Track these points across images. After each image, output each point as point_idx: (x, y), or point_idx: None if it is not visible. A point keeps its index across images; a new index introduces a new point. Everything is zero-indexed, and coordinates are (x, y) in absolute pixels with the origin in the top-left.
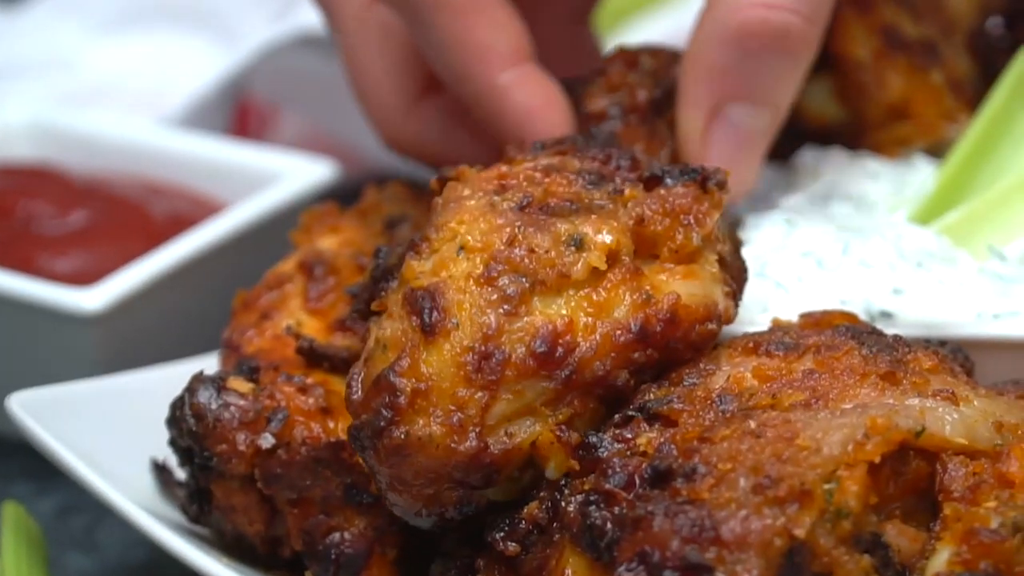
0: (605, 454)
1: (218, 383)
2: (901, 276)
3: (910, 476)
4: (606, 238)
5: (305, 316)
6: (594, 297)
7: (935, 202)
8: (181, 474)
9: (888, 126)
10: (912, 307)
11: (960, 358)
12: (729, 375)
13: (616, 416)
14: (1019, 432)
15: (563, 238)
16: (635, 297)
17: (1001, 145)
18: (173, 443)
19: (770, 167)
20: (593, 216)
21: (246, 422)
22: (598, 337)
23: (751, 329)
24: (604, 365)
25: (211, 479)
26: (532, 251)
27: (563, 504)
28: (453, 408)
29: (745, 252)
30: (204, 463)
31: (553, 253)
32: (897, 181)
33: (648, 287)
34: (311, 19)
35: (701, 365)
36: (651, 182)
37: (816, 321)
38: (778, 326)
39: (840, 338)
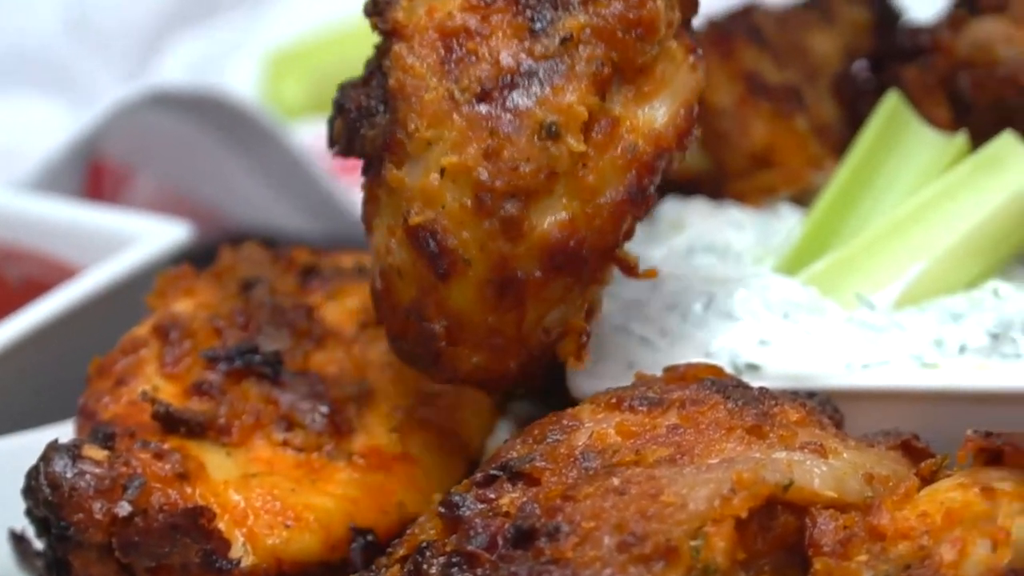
0: (467, 514)
1: (73, 451)
2: (767, 328)
3: (779, 531)
4: (578, 111)
5: (161, 381)
6: (586, 180)
7: (801, 251)
8: (39, 544)
9: (752, 174)
10: (779, 359)
11: (829, 410)
12: (592, 431)
13: (478, 475)
14: (890, 484)
15: (537, 131)
16: (620, 160)
17: (867, 191)
18: (30, 513)
19: None
20: (555, 83)
21: (102, 490)
22: (600, 220)
23: (614, 385)
24: (613, 236)
25: (69, 549)
26: (515, 168)
27: (425, 567)
28: (488, 334)
29: (607, 307)
30: (61, 533)
31: (533, 156)
32: (762, 230)
33: (628, 135)
34: (165, 78)
35: (564, 422)
36: None
37: (681, 375)
38: (642, 381)
39: (705, 392)
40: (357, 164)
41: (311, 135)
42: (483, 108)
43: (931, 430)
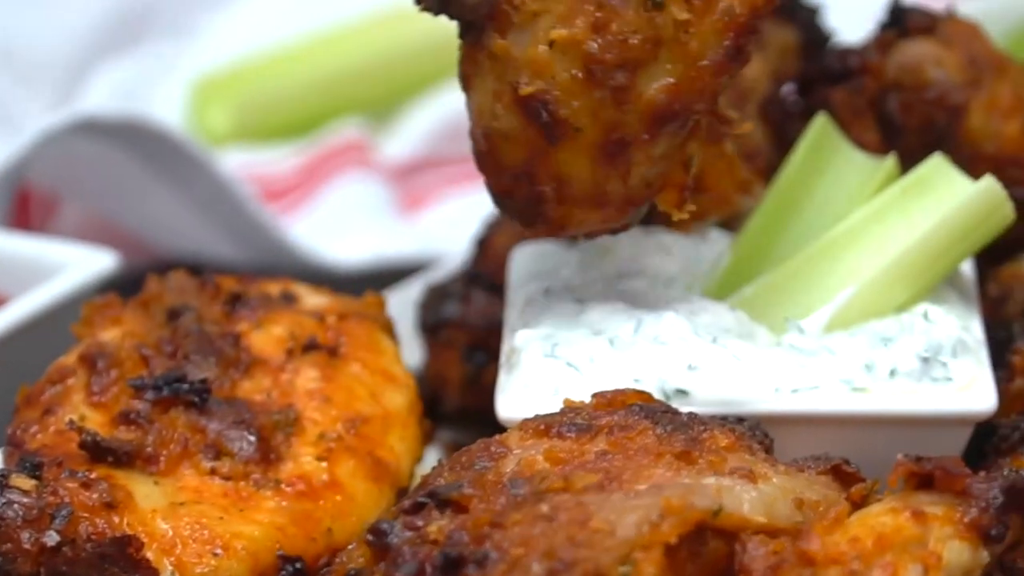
0: (395, 542)
1: (1, 481)
2: (696, 353)
3: (708, 557)
4: None
5: (88, 410)
6: (689, 45)
7: (730, 276)
8: None
9: None
10: (707, 384)
11: (758, 435)
12: (520, 458)
13: (406, 503)
14: (820, 509)
15: (643, 3)
16: (719, 24)
17: (796, 215)
18: None
19: (558, 245)
20: None
21: (30, 520)
22: (702, 82)
23: (541, 411)
24: (714, 95)
25: None
26: (624, 40)
27: None
28: (597, 193)
29: (533, 333)
30: None
31: (640, 26)
32: (691, 255)
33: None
34: (92, 105)
35: (492, 448)
36: None
37: (609, 401)
38: (570, 407)
39: (633, 418)
40: (285, 191)
41: (238, 162)
42: None
43: (861, 454)
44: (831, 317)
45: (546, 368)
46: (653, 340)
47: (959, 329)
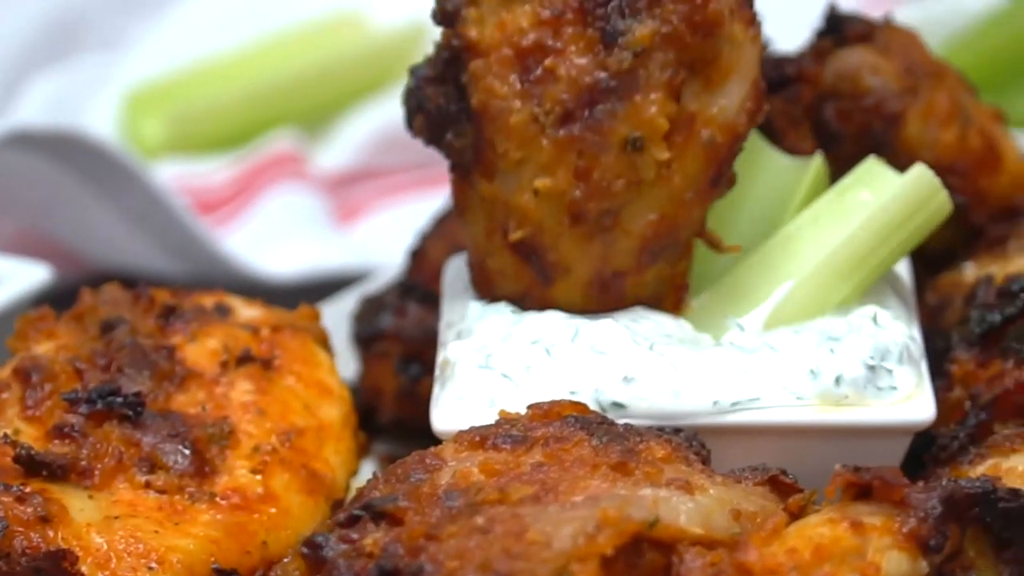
0: (330, 555)
1: None
2: (633, 363)
3: (645, 568)
4: (659, 123)
5: (22, 424)
6: (672, 181)
7: None
8: None
9: None
10: (644, 397)
11: (695, 446)
12: (455, 470)
13: (341, 516)
14: (757, 520)
15: (622, 147)
16: (700, 156)
17: (731, 226)
18: None
19: None
20: (634, 98)
21: None
22: (686, 211)
23: (477, 423)
24: (700, 221)
25: None
26: (607, 186)
27: None
28: (590, 309)
29: (468, 344)
30: None
31: (622, 171)
32: None
33: (704, 129)
34: (24, 117)
35: (427, 461)
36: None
37: (544, 412)
38: (505, 419)
39: (569, 429)
40: (219, 202)
41: (171, 174)
42: (568, 130)
43: (799, 465)
44: (770, 313)
45: (481, 379)
46: (590, 349)
47: (906, 336)
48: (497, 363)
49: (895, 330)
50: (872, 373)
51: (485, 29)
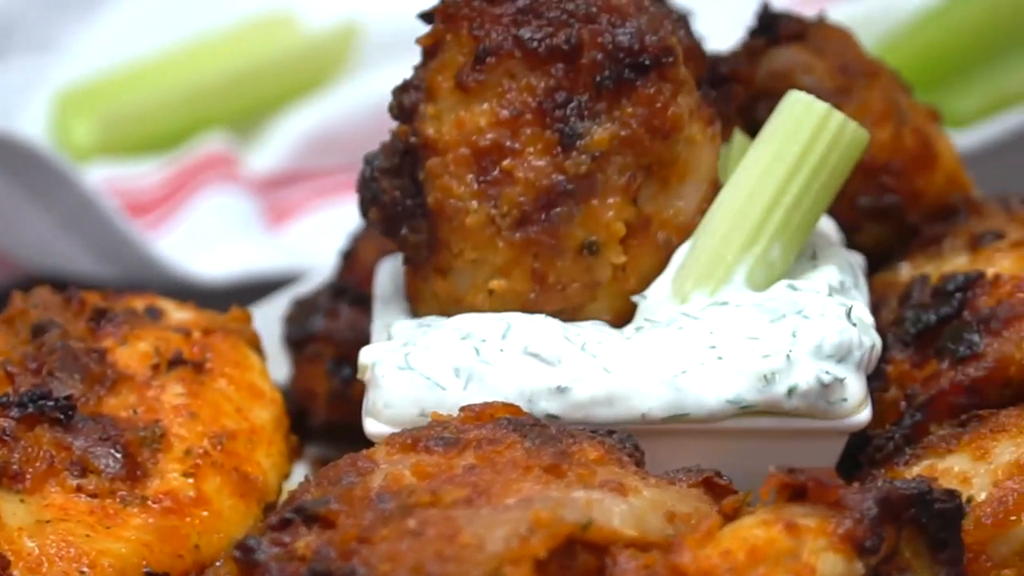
0: (262, 558)
1: None
2: (565, 368)
3: (579, 570)
4: (616, 228)
5: None
6: (627, 283)
7: None
8: None
9: None
10: (576, 408)
11: (628, 447)
12: (387, 473)
13: (273, 519)
14: (692, 522)
15: (578, 251)
16: (655, 258)
17: None
18: None
19: None
20: (591, 202)
21: None
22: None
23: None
24: None
25: None
26: (562, 289)
27: None
28: None
29: (396, 344)
30: None
31: (577, 275)
32: None
33: (660, 231)
34: None
35: (359, 463)
36: (614, 95)
37: (477, 415)
38: (438, 421)
39: (501, 431)
40: (150, 205)
41: (102, 176)
42: (524, 232)
43: (733, 466)
44: (687, 276)
45: (410, 381)
46: (523, 350)
47: (851, 333)
48: (426, 364)
49: (830, 322)
50: (825, 390)
51: (443, 127)
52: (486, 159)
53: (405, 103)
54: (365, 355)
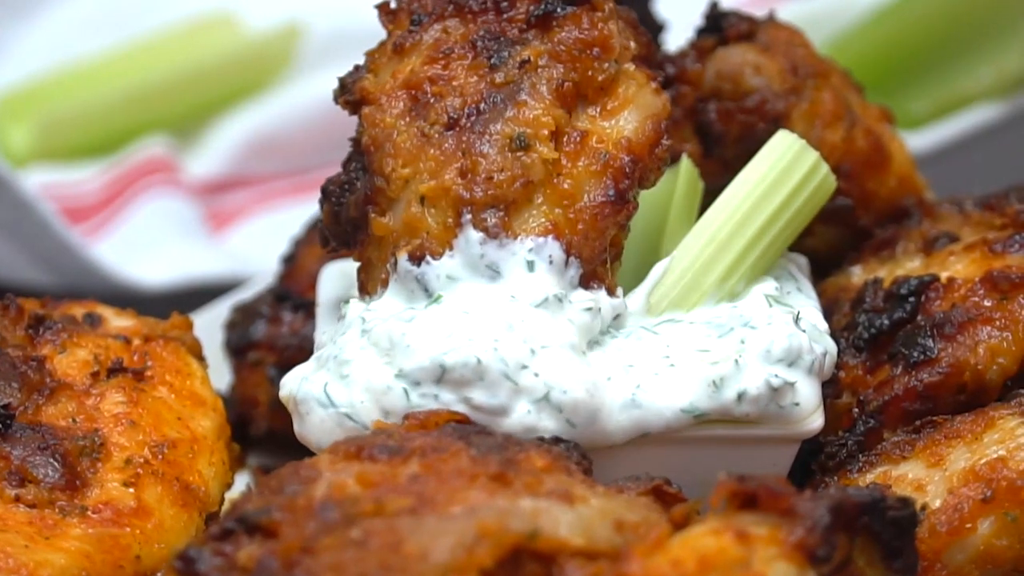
0: (204, 569)
1: None
2: (512, 412)
3: None
4: (544, 121)
5: None
6: (562, 186)
7: None
8: None
9: None
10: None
11: (576, 455)
12: (331, 482)
13: (214, 529)
14: (640, 531)
15: (507, 145)
16: (593, 166)
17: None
18: None
19: None
20: (519, 100)
21: None
22: (583, 224)
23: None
24: (600, 242)
25: None
26: (490, 178)
27: None
28: None
29: (327, 351)
30: None
31: (507, 166)
32: None
33: (598, 144)
34: None
35: (302, 472)
36: (544, 22)
37: (422, 422)
38: (381, 429)
39: (447, 439)
40: (89, 210)
41: (40, 182)
42: (453, 135)
43: (683, 474)
44: (655, 296)
45: (335, 422)
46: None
47: (806, 339)
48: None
49: (778, 330)
50: (775, 394)
51: (379, 81)
52: (417, 91)
53: (347, 81)
54: (286, 385)
